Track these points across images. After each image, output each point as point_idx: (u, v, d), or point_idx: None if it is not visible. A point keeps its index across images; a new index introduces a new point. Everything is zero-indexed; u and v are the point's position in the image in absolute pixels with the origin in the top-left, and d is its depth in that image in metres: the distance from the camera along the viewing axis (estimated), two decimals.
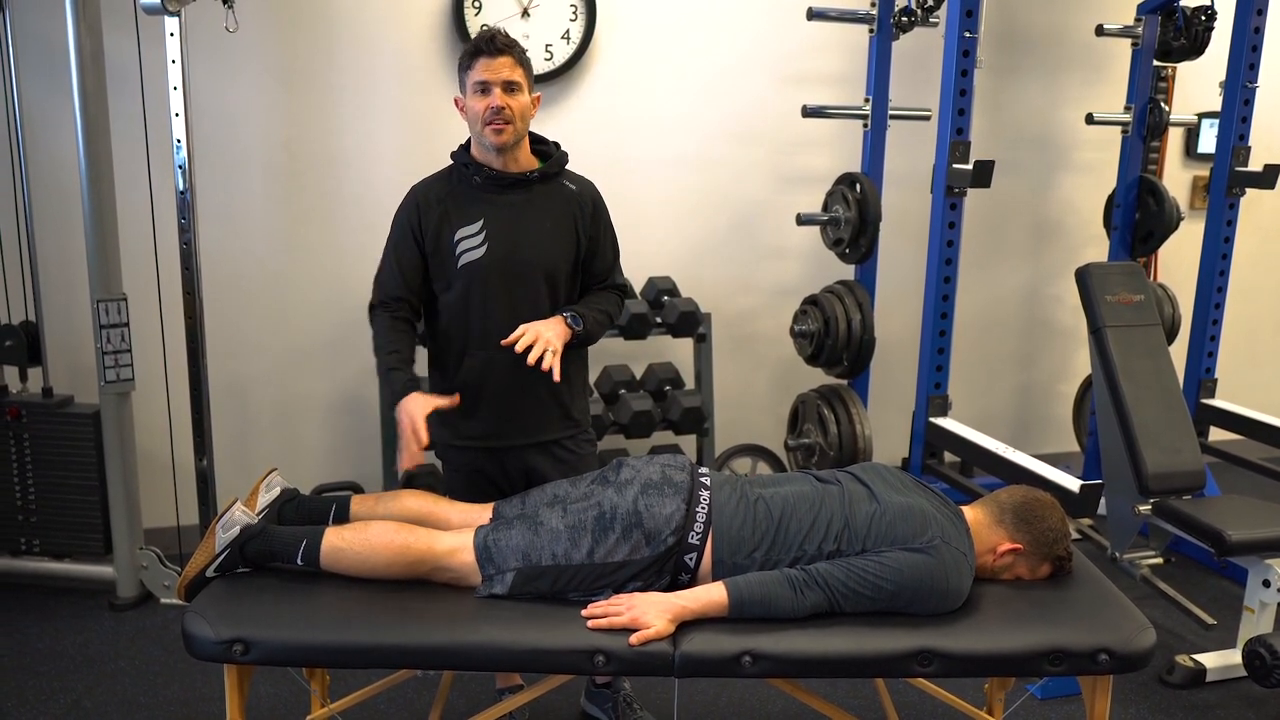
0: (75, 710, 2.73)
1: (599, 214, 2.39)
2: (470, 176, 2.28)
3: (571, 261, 2.34)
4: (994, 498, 2.13)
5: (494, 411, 2.32)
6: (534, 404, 2.33)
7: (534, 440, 2.36)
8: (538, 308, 2.28)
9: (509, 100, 2.18)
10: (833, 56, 4.15)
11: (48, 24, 3.30)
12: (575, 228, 2.33)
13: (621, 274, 2.50)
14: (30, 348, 3.39)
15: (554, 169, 2.34)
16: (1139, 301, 3.17)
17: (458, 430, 2.36)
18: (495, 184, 2.27)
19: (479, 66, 2.18)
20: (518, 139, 2.25)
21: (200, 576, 1.98)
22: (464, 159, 2.31)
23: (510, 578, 1.95)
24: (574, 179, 2.38)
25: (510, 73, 2.19)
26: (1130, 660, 1.82)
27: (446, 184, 2.32)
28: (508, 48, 2.19)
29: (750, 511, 2.00)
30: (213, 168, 3.57)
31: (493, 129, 2.20)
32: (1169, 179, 4.68)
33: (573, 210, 2.33)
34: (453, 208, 2.28)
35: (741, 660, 1.80)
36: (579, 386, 2.43)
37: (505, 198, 2.28)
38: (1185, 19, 3.86)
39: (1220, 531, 2.74)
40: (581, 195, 2.36)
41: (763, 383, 4.40)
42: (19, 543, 3.44)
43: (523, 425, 2.34)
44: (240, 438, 3.80)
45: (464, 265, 2.26)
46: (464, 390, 2.31)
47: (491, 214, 2.27)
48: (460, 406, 2.30)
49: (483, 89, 2.19)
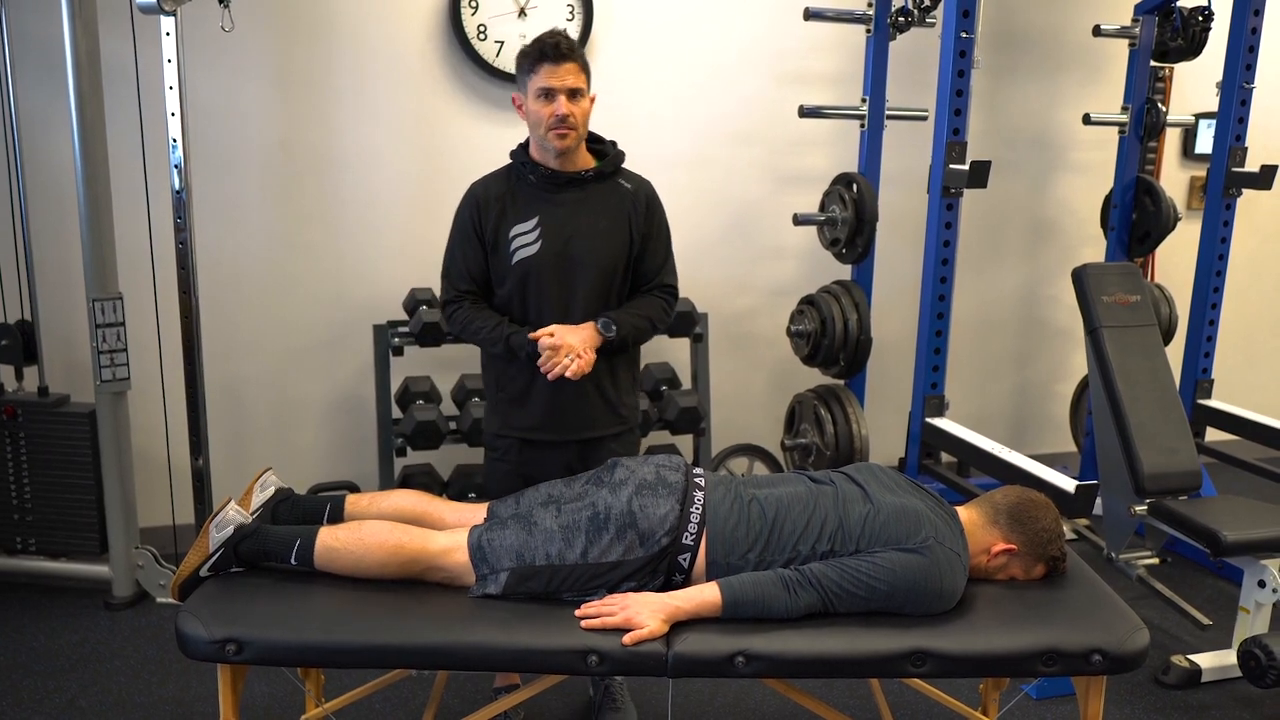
0: (70, 709, 2.73)
1: (653, 212, 2.43)
2: (526, 175, 2.33)
3: (625, 259, 2.38)
4: (988, 498, 2.13)
5: (543, 405, 2.37)
6: (582, 400, 2.38)
7: (579, 437, 2.41)
8: (589, 304, 2.34)
9: (573, 107, 2.23)
10: (830, 56, 4.15)
11: (43, 23, 3.30)
12: (629, 225, 2.37)
13: (672, 274, 2.51)
14: (26, 347, 3.39)
15: (609, 168, 2.39)
16: (1136, 302, 3.17)
17: (507, 420, 2.42)
18: (551, 182, 2.32)
19: (543, 72, 2.22)
20: (579, 142, 2.31)
21: (194, 576, 1.98)
22: (522, 158, 2.36)
23: (504, 578, 1.95)
24: (630, 177, 2.43)
25: (574, 79, 2.23)
26: (1123, 661, 1.82)
27: (505, 182, 2.38)
28: (571, 53, 2.23)
29: (745, 512, 2.00)
30: (209, 167, 3.57)
31: (557, 134, 2.25)
32: (1166, 179, 4.68)
33: (627, 209, 2.38)
34: (510, 205, 2.34)
35: (735, 660, 1.80)
36: (627, 384, 2.48)
37: (561, 196, 2.33)
38: (1182, 19, 3.86)
39: (1216, 532, 2.74)
40: (636, 193, 2.40)
41: (759, 383, 4.40)
42: (14, 542, 3.44)
43: (570, 421, 2.39)
44: (236, 437, 3.80)
45: (518, 261, 2.32)
46: (513, 382, 2.38)
47: (547, 211, 2.32)
48: (512, 399, 2.39)
49: (547, 95, 2.23)
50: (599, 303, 2.35)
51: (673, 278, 2.51)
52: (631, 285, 2.44)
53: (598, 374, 2.35)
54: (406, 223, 3.81)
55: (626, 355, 2.46)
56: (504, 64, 3.75)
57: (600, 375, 2.37)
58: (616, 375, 2.43)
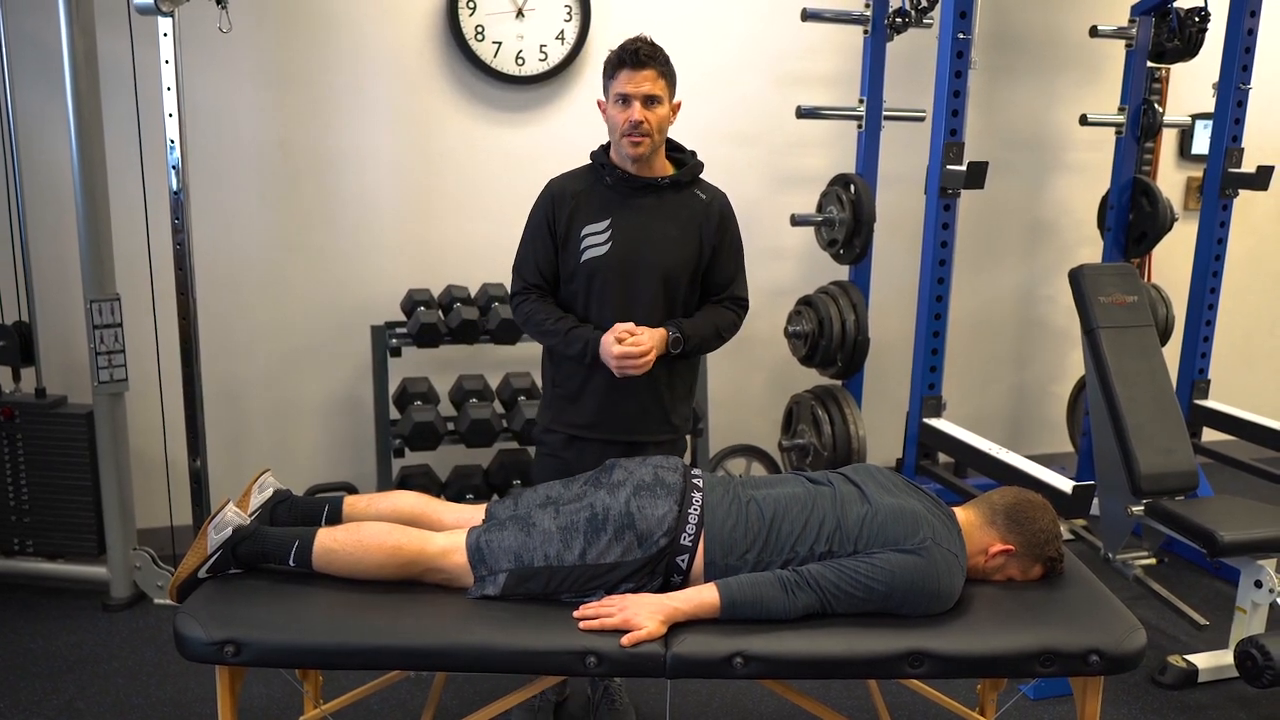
0: (68, 711, 2.73)
1: (726, 225, 2.43)
2: (604, 177, 2.35)
3: (693, 269, 2.39)
4: (986, 499, 2.14)
5: (596, 403, 2.39)
6: (635, 403, 2.39)
7: (627, 439, 2.41)
8: (652, 309, 2.35)
9: (648, 114, 2.24)
10: (827, 57, 4.16)
11: (41, 24, 3.30)
12: (700, 236, 2.38)
13: (744, 287, 2.52)
14: (24, 348, 3.39)
15: (686, 177, 2.39)
16: (1132, 303, 3.17)
17: (559, 415, 2.44)
18: (627, 186, 2.34)
19: (621, 78, 2.24)
20: (654, 150, 2.31)
21: (192, 577, 1.98)
22: (601, 159, 2.38)
23: (502, 579, 1.95)
24: (706, 188, 2.44)
25: (652, 86, 2.24)
26: (1120, 661, 1.82)
27: (583, 181, 2.39)
28: (650, 59, 2.24)
29: (742, 513, 2.01)
30: (206, 168, 3.57)
31: (630, 141, 2.26)
32: (1163, 180, 4.70)
33: (699, 219, 2.38)
34: (584, 204, 2.35)
35: (733, 661, 1.80)
36: (682, 393, 2.49)
37: (636, 200, 2.35)
38: (1179, 20, 3.86)
39: (1213, 532, 2.75)
40: (710, 205, 2.41)
41: (757, 383, 4.40)
42: (12, 543, 3.44)
43: (621, 422, 2.40)
44: (234, 438, 3.80)
45: (586, 260, 2.34)
46: (570, 379, 2.40)
47: (620, 214, 2.34)
48: (567, 395, 2.41)
49: (623, 100, 2.24)
50: (662, 310, 2.36)
51: (744, 290, 2.52)
52: (701, 295, 2.45)
53: (655, 380, 2.37)
54: (404, 223, 3.81)
55: (687, 364, 2.48)
56: (502, 64, 3.76)
57: (658, 381, 2.38)
58: (674, 383, 2.44)
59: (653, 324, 2.34)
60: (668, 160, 2.41)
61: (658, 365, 2.33)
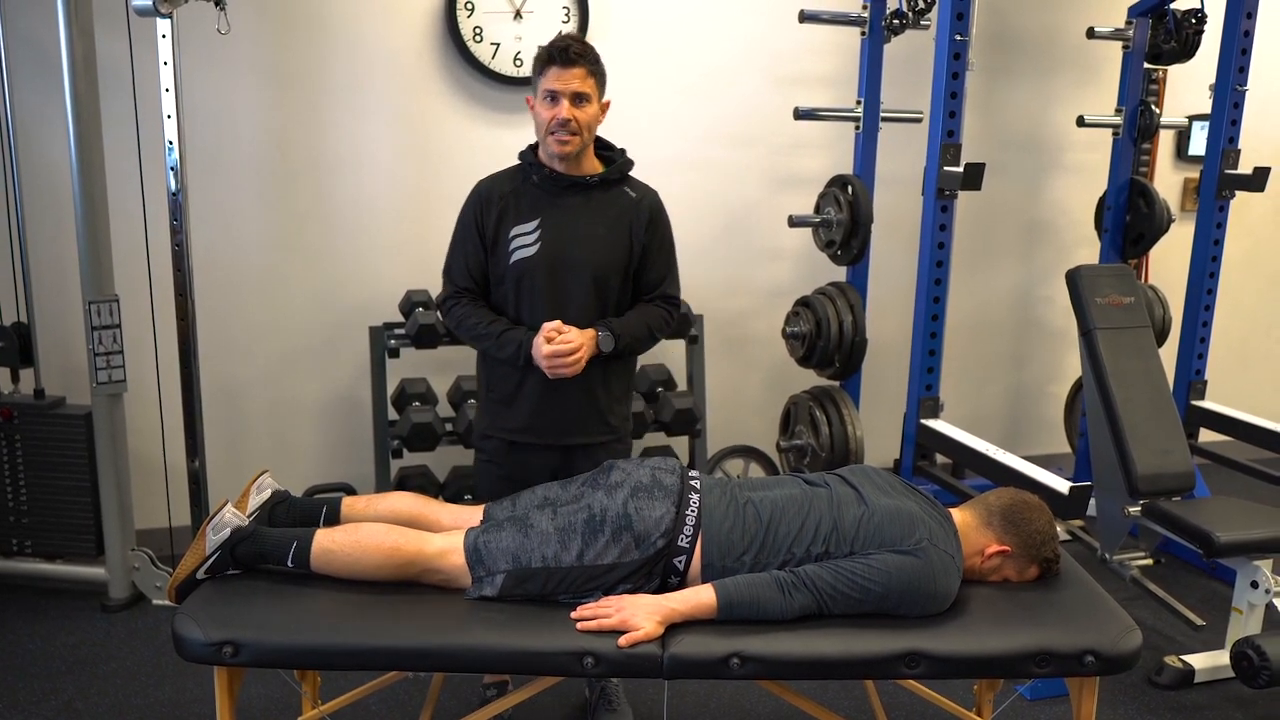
0: (67, 711, 2.73)
1: (656, 222, 2.41)
2: (532, 176, 2.34)
3: (623, 267, 2.38)
4: (982, 500, 2.14)
5: (530, 407, 2.37)
6: (570, 405, 2.37)
7: (564, 442, 2.40)
8: (584, 309, 2.33)
9: (576, 112, 2.23)
10: (825, 58, 4.16)
11: (39, 26, 3.30)
12: (630, 234, 2.37)
13: (675, 285, 2.51)
14: (22, 349, 3.39)
15: (615, 175, 2.38)
16: (1129, 304, 3.18)
17: (495, 421, 2.43)
18: (555, 185, 2.32)
19: (550, 75, 2.22)
20: (582, 149, 2.30)
21: (191, 578, 1.98)
22: (529, 159, 2.36)
23: (500, 580, 1.96)
24: (636, 186, 2.42)
25: (581, 84, 2.22)
26: (1116, 662, 1.83)
27: (510, 182, 2.38)
28: (580, 57, 2.22)
29: (739, 514, 2.01)
30: (205, 169, 3.57)
31: (557, 140, 2.25)
32: (1159, 181, 4.70)
33: (629, 217, 2.37)
34: (512, 205, 2.34)
35: (730, 662, 1.81)
36: (619, 392, 2.47)
37: (564, 200, 2.33)
38: (1175, 22, 3.87)
39: (1209, 533, 2.75)
40: (640, 203, 2.39)
41: (755, 384, 4.41)
42: (10, 544, 3.44)
43: (556, 425, 2.38)
44: (232, 439, 3.80)
45: (515, 261, 2.32)
46: (504, 383, 2.39)
47: (548, 214, 2.32)
48: (501, 399, 2.39)
49: (552, 98, 2.23)
50: (593, 309, 2.35)
51: (675, 289, 2.50)
52: (633, 295, 2.44)
53: (590, 380, 2.35)
54: (402, 224, 3.82)
55: (622, 363, 2.46)
56: (500, 65, 3.76)
57: (593, 382, 2.37)
58: (609, 383, 2.42)
59: (585, 324, 2.33)
60: (596, 158, 2.38)
61: (592, 366, 2.32)
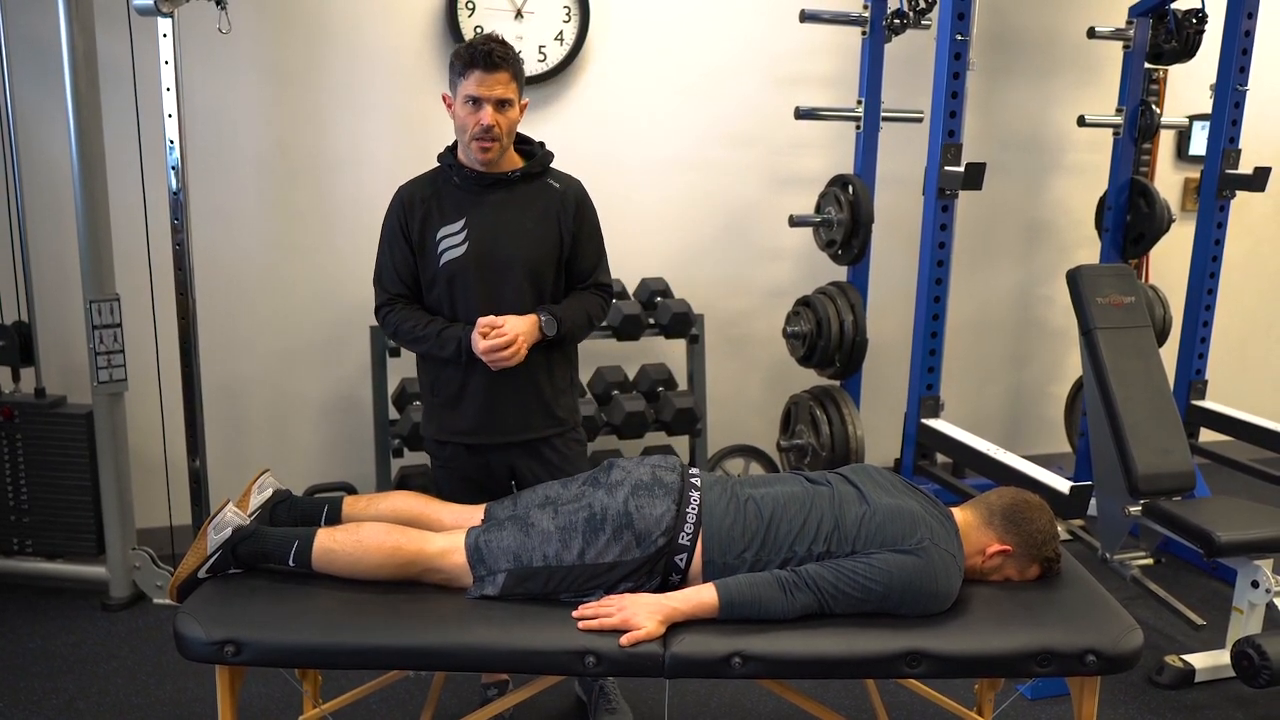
0: (68, 711, 2.73)
1: (582, 212, 2.39)
2: (453, 177, 2.31)
3: (554, 259, 2.35)
4: (983, 499, 2.14)
5: (476, 407, 2.34)
6: (515, 401, 2.34)
7: (516, 439, 2.37)
8: (519, 304, 2.30)
9: (499, 118, 2.20)
10: (825, 58, 4.16)
11: (40, 24, 3.30)
12: (558, 225, 2.34)
13: (607, 273, 2.48)
14: (23, 348, 3.39)
15: (536, 169, 2.35)
16: (1130, 303, 3.18)
17: (443, 425, 2.39)
18: (477, 184, 2.30)
19: (472, 79, 2.17)
20: (503, 154, 2.28)
21: (192, 578, 1.99)
22: (448, 160, 2.33)
23: (501, 579, 1.96)
24: (559, 177, 2.39)
25: (504, 89, 2.19)
26: (1117, 661, 1.83)
27: (431, 185, 2.34)
28: (504, 61, 2.18)
29: (741, 512, 2.01)
30: (206, 168, 3.57)
31: (480, 145, 2.22)
32: (1160, 181, 4.71)
33: (555, 208, 2.34)
34: (436, 207, 2.30)
35: (731, 661, 1.81)
36: (563, 384, 2.44)
37: (488, 197, 2.30)
38: (1176, 22, 3.87)
39: (1210, 532, 2.75)
40: (565, 193, 2.36)
41: (755, 384, 4.41)
42: (11, 543, 3.44)
43: (504, 423, 2.35)
44: (233, 438, 3.80)
45: (446, 263, 2.29)
46: (447, 385, 2.34)
47: (474, 213, 2.29)
48: (446, 402, 2.36)
49: (474, 103, 2.19)
50: (529, 303, 2.31)
51: (607, 277, 2.48)
52: (566, 285, 2.41)
53: (534, 372, 2.32)
54: None
55: (563, 354, 2.42)
56: None
57: (537, 374, 2.33)
58: (553, 374, 2.38)
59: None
60: (515, 153, 2.35)
61: (536, 357, 2.29)
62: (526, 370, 2.29)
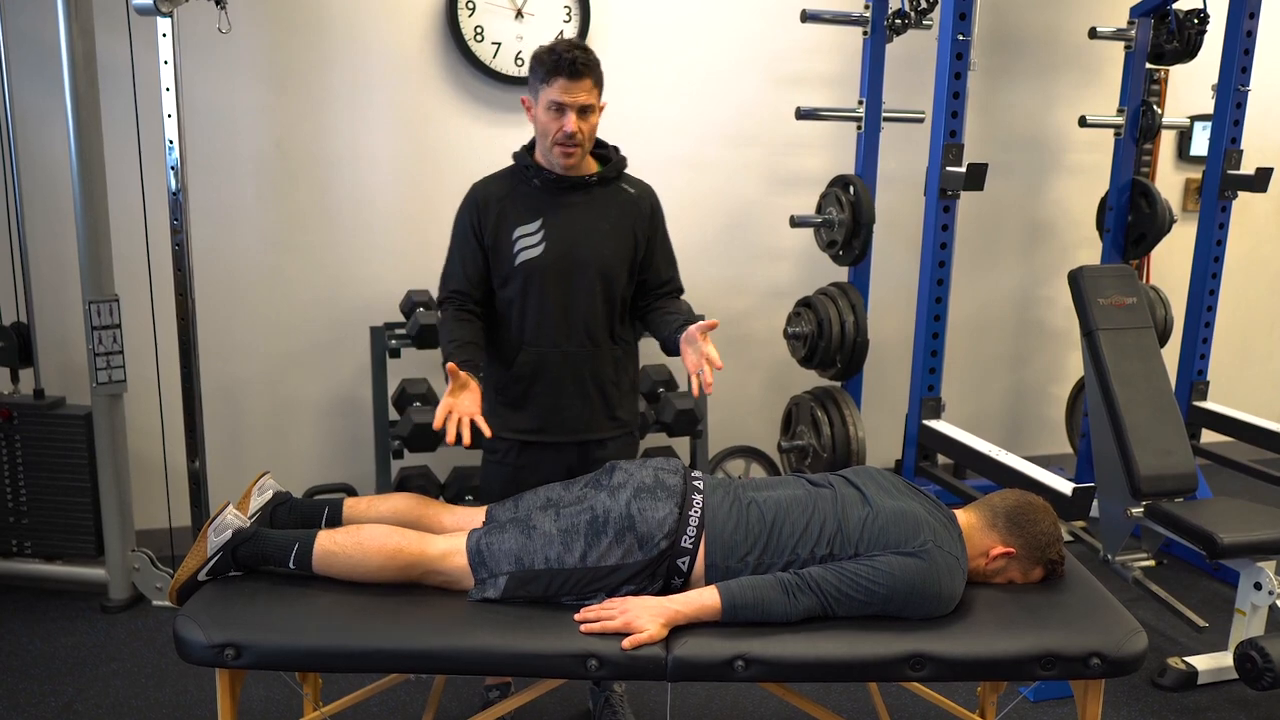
0: (67, 712, 2.72)
1: (656, 217, 2.43)
2: (530, 178, 2.32)
3: (628, 263, 2.38)
4: (986, 501, 2.14)
5: (542, 407, 2.37)
6: (582, 402, 2.37)
7: (577, 439, 2.40)
8: (592, 307, 2.34)
9: (582, 124, 2.21)
10: (827, 58, 4.16)
11: (40, 24, 3.29)
12: (633, 230, 2.37)
13: (679, 278, 2.53)
14: (22, 349, 3.38)
15: (612, 173, 2.38)
16: (1131, 304, 3.17)
17: (505, 422, 2.41)
18: (555, 186, 2.32)
19: (557, 86, 2.18)
20: (584, 158, 2.30)
21: (192, 580, 1.98)
22: (525, 161, 2.34)
23: (503, 581, 1.95)
24: (633, 182, 2.43)
25: (588, 96, 2.21)
26: (1121, 664, 1.82)
27: (507, 183, 2.36)
28: (586, 69, 2.19)
29: (743, 515, 2.01)
30: (205, 169, 3.57)
31: (563, 151, 2.24)
32: (1161, 181, 4.70)
33: (630, 213, 2.37)
34: (511, 207, 2.32)
35: (734, 664, 1.80)
36: (627, 387, 2.47)
37: (565, 199, 2.32)
38: (1178, 22, 3.87)
39: (1212, 534, 2.75)
40: (640, 199, 2.40)
41: (756, 385, 4.40)
42: (10, 544, 3.43)
43: (568, 423, 2.38)
44: (233, 440, 3.79)
45: (521, 263, 2.31)
46: (516, 383, 2.37)
47: (550, 214, 2.31)
48: (511, 400, 2.38)
49: (558, 109, 2.20)
50: (601, 307, 2.35)
51: (680, 281, 2.53)
52: (638, 290, 2.44)
53: (600, 377, 2.36)
54: (403, 224, 3.81)
55: (630, 358, 2.47)
56: (501, 65, 3.75)
57: (604, 379, 2.38)
58: (619, 378, 2.43)
59: (593, 320, 2.33)
60: (591, 157, 2.38)
61: (605, 363, 2.35)
62: (594, 375, 2.34)
